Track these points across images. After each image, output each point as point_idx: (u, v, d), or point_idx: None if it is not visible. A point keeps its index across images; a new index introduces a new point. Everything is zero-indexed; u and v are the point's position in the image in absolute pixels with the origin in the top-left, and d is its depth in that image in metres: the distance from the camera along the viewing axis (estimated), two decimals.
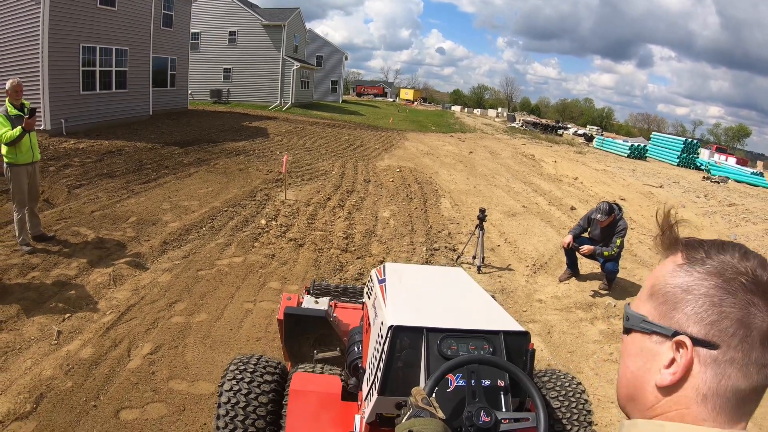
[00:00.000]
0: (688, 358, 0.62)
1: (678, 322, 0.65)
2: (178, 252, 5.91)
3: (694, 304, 0.64)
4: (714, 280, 0.64)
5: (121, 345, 3.97)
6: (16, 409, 3.26)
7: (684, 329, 0.64)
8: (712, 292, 0.63)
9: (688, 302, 0.64)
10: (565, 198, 11.66)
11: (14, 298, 4.60)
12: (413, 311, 1.95)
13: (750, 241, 10.36)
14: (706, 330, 0.62)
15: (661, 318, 0.67)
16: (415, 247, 6.93)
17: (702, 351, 0.62)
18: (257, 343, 4.13)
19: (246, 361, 2.50)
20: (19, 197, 5.61)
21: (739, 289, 0.62)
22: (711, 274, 0.64)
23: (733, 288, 0.62)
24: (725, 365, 0.61)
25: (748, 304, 0.61)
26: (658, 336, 0.67)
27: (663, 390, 0.65)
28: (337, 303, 3.22)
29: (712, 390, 0.61)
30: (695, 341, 0.62)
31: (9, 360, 3.79)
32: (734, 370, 0.61)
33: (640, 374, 0.68)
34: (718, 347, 0.61)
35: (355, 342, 2.47)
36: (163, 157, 11.31)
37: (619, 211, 6.01)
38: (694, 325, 0.63)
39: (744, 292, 0.61)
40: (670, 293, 0.67)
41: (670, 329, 0.65)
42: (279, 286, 5.28)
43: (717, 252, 0.66)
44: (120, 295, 4.78)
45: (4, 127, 5.33)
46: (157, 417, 3.25)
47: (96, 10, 14.25)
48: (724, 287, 0.62)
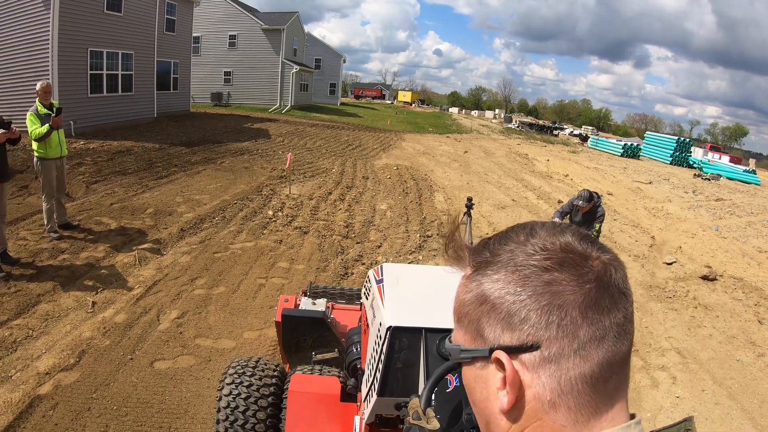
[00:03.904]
0: (510, 372, 0.55)
1: (488, 339, 0.57)
2: (194, 238, 6.51)
3: (493, 312, 0.57)
4: (503, 277, 0.57)
5: (150, 312, 4.55)
6: (60, 363, 3.81)
7: (496, 343, 0.56)
8: (506, 291, 0.56)
9: (488, 313, 0.57)
10: (554, 193, 12.25)
11: (48, 277, 5.15)
12: (412, 311, 1.92)
13: (732, 232, 10.88)
14: (517, 334, 0.55)
15: (473, 341, 0.60)
16: (409, 235, 7.52)
17: (525, 357, 0.55)
18: (270, 310, 4.71)
19: (245, 364, 2.56)
20: (48, 189, 6.15)
21: (533, 274, 0.55)
22: (500, 272, 0.58)
23: (525, 276, 0.56)
24: (556, 360, 0.54)
25: (548, 285, 0.54)
26: (480, 361, 0.59)
27: (509, 414, 0.57)
28: (335, 304, 3.22)
29: (556, 392, 0.54)
30: (510, 351, 0.55)
31: (50, 325, 4.34)
32: (569, 361, 0.53)
33: (485, 405, 0.60)
34: (538, 347, 0.54)
35: (354, 343, 2.43)
36: (171, 156, 11.89)
37: (598, 199, 6.58)
38: (504, 334, 0.56)
39: (539, 274, 0.55)
40: (470, 312, 0.60)
41: (485, 349, 0.57)
42: (287, 265, 5.89)
43: (500, 245, 0.60)
44: (146, 273, 5.37)
45: (34, 124, 5.87)
46: (187, 366, 3.82)
47: (103, 16, 14.78)
48: (517, 280, 0.56)
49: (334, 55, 45.76)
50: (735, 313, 6.10)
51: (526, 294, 0.55)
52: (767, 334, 5.66)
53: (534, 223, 0.63)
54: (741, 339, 5.47)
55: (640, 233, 9.18)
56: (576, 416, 0.54)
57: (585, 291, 0.54)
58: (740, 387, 4.55)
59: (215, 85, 30.37)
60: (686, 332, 5.46)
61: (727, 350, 5.19)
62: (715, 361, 4.95)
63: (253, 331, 4.43)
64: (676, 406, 4.19)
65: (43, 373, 3.65)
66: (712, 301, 6.36)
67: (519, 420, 0.56)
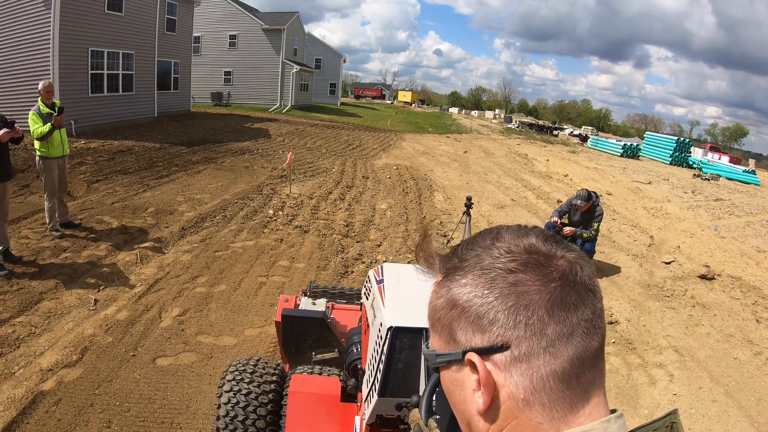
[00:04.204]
0: (483, 373, 0.56)
1: (461, 342, 0.59)
2: (195, 237, 6.55)
3: (464, 316, 0.58)
4: (471, 281, 0.58)
5: (152, 309, 4.59)
6: (63, 360, 3.85)
7: (468, 345, 0.58)
8: (473, 294, 0.58)
9: (458, 317, 0.59)
10: (554, 193, 12.29)
11: (51, 275, 5.19)
12: (412, 312, 1.92)
13: (730, 231, 10.90)
14: (487, 336, 0.56)
15: (447, 345, 0.62)
16: (409, 234, 7.57)
17: (496, 358, 0.56)
18: (271, 308, 4.74)
19: (245, 364, 2.56)
20: (50, 187, 6.19)
21: (498, 277, 0.57)
22: (467, 276, 0.59)
23: (491, 278, 0.57)
24: (527, 359, 0.55)
25: (514, 286, 0.56)
26: (455, 364, 0.61)
27: (486, 414, 0.58)
28: (335, 304, 3.23)
29: (528, 390, 0.55)
30: (482, 352, 0.56)
31: (53, 322, 4.38)
32: (539, 359, 0.54)
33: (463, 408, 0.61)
34: (508, 347, 0.55)
35: (354, 343, 2.44)
36: (172, 155, 11.93)
37: (597, 198, 6.63)
38: (475, 336, 0.57)
39: (504, 276, 0.57)
40: (442, 317, 0.61)
41: (458, 352, 0.59)
42: (288, 264, 5.93)
43: (468, 250, 0.62)
44: (147, 271, 5.41)
45: (36, 123, 5.91)
46: (189, 363, 3.86)
47: (104, 16, 14.82)
48: (484, 283, 0.57)
49: (335, 55, 45.81)
50: (733, 312, 6.13)
51: (494, 296, 0.56)
52: (764, 332, 5.69)
53: (500, 227, 0.65)
54: (738, 337, 5.50)
55: (639, 233, 9.22)
56: (551, 413, 0.55)
57: (550, 290, 0.55)
58: (737, 385, 4.58)
59: (215, 85, 30.41)
60: (684, 331, 5.49)
61: (724, 348, 5.22)
62: (713, 359, 4.98)
63: (254, 328, 4.47)
64: (673, 403, 4.22)
65: (46, 369, 3.69)
66: (710, 300, 6.40)
67: (497, 420, 0.57)
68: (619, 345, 5.01)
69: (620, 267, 7.09)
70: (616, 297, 6.12)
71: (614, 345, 5.00)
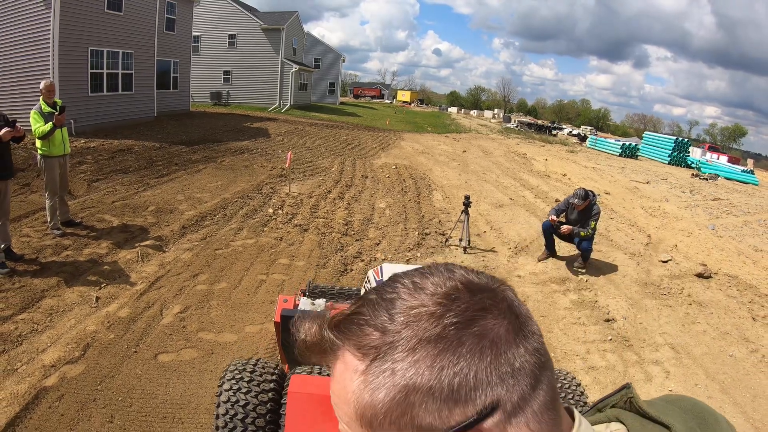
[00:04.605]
0: None
1: (433, 427, 0.47)
2: (196, 235, 6.59)
3: (430, 397, 0.46)
4: (425, 353, 0.47)
5: (154, 307, 4.63)
6: (65, 356, 3.89)
7: (445, 426, 0.47)
8: (438, 366, 0.46)
9: (422, 401, 0.47)
10: (552, 192, 12.34)
11: (52, 272, 5.23)
12: None
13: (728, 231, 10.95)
14: (471, 406, 0.47)
15: None
16: (408, 232, 7.61)
17: (487, 423, 0.47)
18: (271, 305, 4.79)
19: (244, 364, 2.55)
20: (52, 186, 6.23)
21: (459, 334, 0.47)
22: (416, 351, 0.47)
23: (452, 339, 0.47)
24: (520, 408, 0.48)
25: (481, 338, 0.47)
26: None
27: None
28: (334, 304, 3.20)
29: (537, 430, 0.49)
30: (469, 426, 0.46)
31: (55, 320, 4.41)
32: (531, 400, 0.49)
33: None
34: (497, 406, 0.47)
35: None
36: (171, 155, 11.96)
37: (594, 197, 6.68)
38: (453, 413, 0.47)
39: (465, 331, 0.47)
40: (391, 411, 0.48)
41: None
42: (288, 262, 5.98)
43: (391, 316, 0.50)
44: (148, 269, 5.45)
45: (38, 122, 5.95)
46: (190, 359, 3.90)
47: (103, 15, 14.84)
48: (445, 349, 0.47)
49: (334, 54, 45.85)
50: (729, 310, 6.18)
51: (465, 359, 0.47)
52: (761, 330, 5.74)
53: (400, 276, 0.55)
54: (734, 335, 5.55)
55: (637, 232, 9.27)
56: None
57: (513, 326, 0.50)
58: (733, 381, 4.63)
59: (215, 85, 30.43)
60: (680, 328, 5.54)
61: (720, 346, 5.27)
62: (709, 356, 5.03)
63: (254, 325, 4.51)
64: None
65: (48, 365, 3.73)
66: (706, 298, 6.45)
67: None
68: (615, 342, 5.05)
69: (617, 265, 7.14)
70: (613, 295, 6.16)
71: (611, 342, 5.04)
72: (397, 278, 0.54)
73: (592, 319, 5.46)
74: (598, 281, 6.54)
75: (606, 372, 4.53)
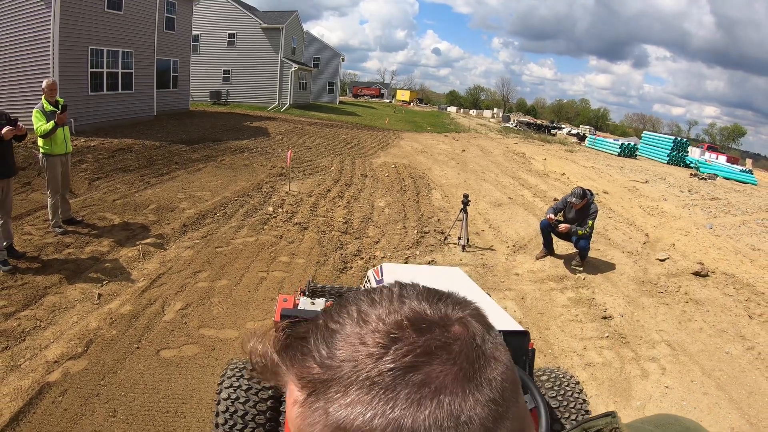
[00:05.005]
0: None
1: None
2: (196, 233, 6.64)
3: None
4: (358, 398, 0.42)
5: (155, 303, 4.68)
6: (68, 352, 3.93)
7: None
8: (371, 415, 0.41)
9: None
10: (550, 191, 12.39)
11: (54, 270, 5.27)
12: None
13: (726, 230, 11.00)
14: None
15: None
16: (407, 231, 7.66)
17: None
18: (272, 302, 4.84)
19: (243, 366, 2.55)
20: (54, 184, 6.27)
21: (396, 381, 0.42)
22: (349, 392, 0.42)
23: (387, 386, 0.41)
24: None
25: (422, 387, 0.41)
26: None
27: None
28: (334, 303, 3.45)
29: None
30: None
31: (57, 316, 4.46)
32: None
33: None
34: None
35: None
36: (172, 154, 12.00)
37: (591, 196, 6.73)
38: None
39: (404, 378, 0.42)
40: None
41: None
42: (288, 259, 6.03)
43: (329, 348, 0.45)
44: (150, 266, 5.49)
45: (40, 121, 5.99)
46: (192, 354, 3.95)
47: (103, 14, 14.87)
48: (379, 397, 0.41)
49: (333, 53, 45.86)
50: (726, 308, 6.23)
51: (400, 409, 0.41)
52: (757, 328, 5.79)
53: (350, 301, 0.50)
54: (731, 333, 5.60)
55: (635, 231, 9.32)
56: None
57: (464, 374, 0.43)
58: (729, 378, 4.68)
59: (214, 84, 30.44)
60: (677, 326, 5.59)
61: (716, 343, 5.32)
62: (705, 353, 5.09)
63: (255, 321, 4.56)
64: (665, 395, 4.32)
65: (51, 361, 3.77)
66: (703, 296, 6.50)
67: None
68: (612, 339, 5.11)
69: (615, 264, 7.20)
70: (610, 293, 6.22)
71: (608, 339, 5.10)
72: (347, 303, 0.49)
73: (589, 317, 5.52)
74: (596, 279, 6.60)
75: (603, 368, 4.58)
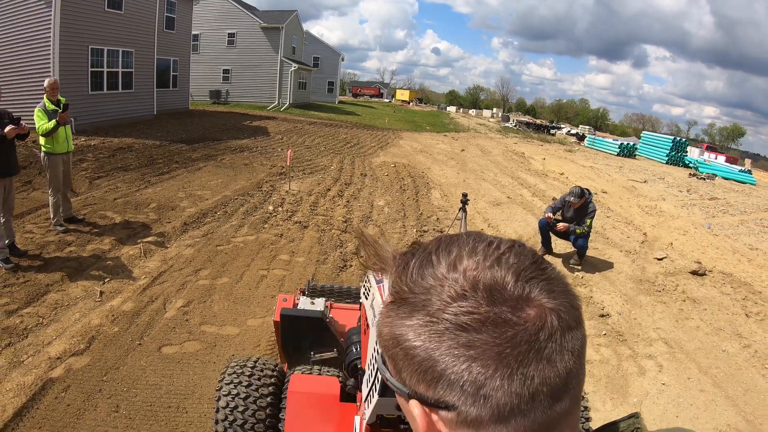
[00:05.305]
0: (424, 425, 0.49)
1: (406, 381, 0.51)
2: (197, 232, 6.69)
3: (407, 359, 0.49)
4: (417, 324, 0.48)
5: (157, 301, 4.72)
6: (71, 348, 3.97)
7: (414, 389, 0.50)
8: (419, 342, 0.48)
9: (402, 359, 0.50)
10: (549, 190, 12.44)
11: (56, 267, 5.30)
12: None
13: (724, 229, 11.03)
14: (432, 390, 0.47)
15: (395, 374, 0.53)
16: (406, 230, 7.72)
17: (442, 413, 0.48)
18: (272, 300, 4.88)
19: (243, 364, 2.55)
20: (55, 183, 6.30)
21: (448, 331, 0.46)
22: (413, 317, 0.49)
23: (439, 331, 0.46)
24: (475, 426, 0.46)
25: (466, 348, 0.45)
26: (402, 396, 0.52)
27: None
28: (333, 303, 3.23)
29: None
30: (427, 404, 0.48)
31: (59, 313, 4.49)
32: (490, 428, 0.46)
33: None
34: (454, 407, 0.46)
35: (353, 343, 2.39)
36: (172, 153, 12.04)
37: (589, 195, 6.78)
38: (419, 384, 0.49)
39: (455, 333, 0.46)
40: (388, 346, 0.52)
41: (405, 391, 0.51)
42: (288, 258, 6.08)
43: (420, 274, 0.51)
44: (151, 264, 5.54)
45: (42, 120, 6.02)
46: (194, 351, 3.99)
47: (104, 14, 14.89)
48: (431, 333, 0.47)
49: (333, 53, 45.91)
50: (723, 307, 6.27)
51: (440, 353, 0.46)
52: (754, 326, 5.83)
53: (463, 243, 0.52)
54: (728, 331, 5.64)
55: (633, 230, 9.36)
56: None
57: (511, 358, 0.45)
58: (725, 376, 4.72)
59: (214, 83, 30.47)
60: (674, 324, 5.64)
61: (713, 341, 5.36)
62: (702, 351, 5.13)
63: (256, 318, 4.60)
64: (661, 392, 4.37)
65: (54, 357, 3.81)
66: (700, 295, 6.54)
67: None
68: (609, 337, 5.15)
69: (613, 263, 7.24)
70: (608, 291, 6.26)
71: (605, 337, 5.14)
72: (457, 241, 0.53)
73: (587, 314, 5.56)
74: (594, 278, 6.64)
75: (600, 365, 4.63)
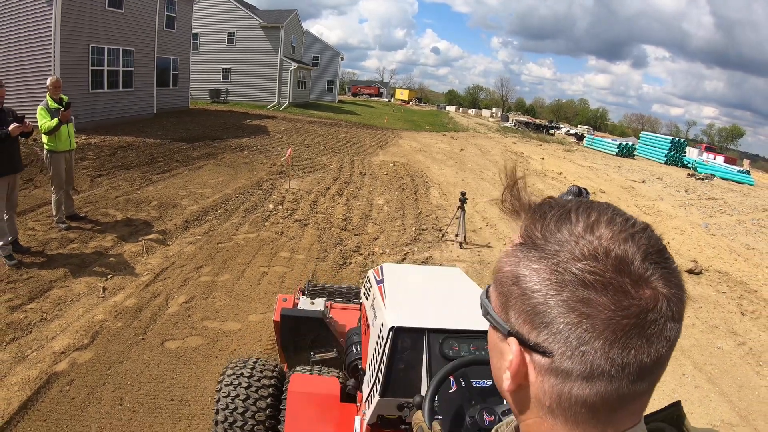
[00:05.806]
0: (515, 364, 0.53)
1: (511, 319, 0.54)
2: (198, 229, 6.76)
3: (521, 300, 0.53)
4: (542, 270, 0.51)
5: (159, 297, 4.78)
6: (75, 343, 4.02)
7: (516, 329, 0.54)
8: (538, 286, 0.51)
9: (516, 298, 0.53)
10: (547, 190, 12.50)
11: (59, 264, 5.36)
12: (414, 312, 1.93)
13: (721, 229, 11.09)
14: (536, 333, 0.51)
15: (500, 311, 0.57)
16: (405, 228, 7.79)
17: (536, 358, 0.52)
18: (273, 296, 4.94)
19: (243, 364, 2.56)
20: (57, 181, 6.34)
21: (570, 284, 0.49)
22: (540, 263, 0.52)
23: (562, 282, 0.50)
24: (563, 376, 0.50)
25: (582, 303, 0.48)
26: (499, 332, 0.56)
27: (513, 395, 0.56)
28: (333, 303, 3.23)
29: (554, 402, 0.52)
30: (525, 345, 0.52)
31: (63, 309, 4.54)
32: (575, 382, 0.50)
33: (497, 374, 0.59)
34: (551, 355, 0.50)
35: (354, 343, 2.42)
36: (172, 151, 12.10)
37: (587, 194, 6.81)
38: (524, 325, 0.53)
39: (576, 286, 0.49)
40: (504, 283, 0.56)
41: (505, 328, 0.55)
42: (289, 255, 6.15)
43: (557, 226, 0.53)
44: (153, 261, 5.60)
45: (44, 118, 6.07)
46: (196, 346, 4.05)
47: (104, 12, 14.91)
48: (553, 282, 0.50)
49: (332, 52, 45.95)
50: (718, 305, 6.34)
51: (556, 301, 0.49)
52: (749, 324, 5.90)
53: (603, 210, 0.54)
54: (723, 329, 5.70)
55: None
56: (574, 429, 0.52)
57: (619, 326, 0.48)
58: (720, 372, 4.78)
59: (214, 82, 30.51)
60: None
61: (708, 339, 5.43)
62: (697, 348, 5.19)
63: (257, 314, 4.66)
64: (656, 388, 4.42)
65: (58, 352, 3.86)
66: (696, 293, 6.61)
67: (520, 407, 0.56)
68: None
69: None
70: None
71: None
72: (597, 208, 0.55)
73: None
74: None
75: None
